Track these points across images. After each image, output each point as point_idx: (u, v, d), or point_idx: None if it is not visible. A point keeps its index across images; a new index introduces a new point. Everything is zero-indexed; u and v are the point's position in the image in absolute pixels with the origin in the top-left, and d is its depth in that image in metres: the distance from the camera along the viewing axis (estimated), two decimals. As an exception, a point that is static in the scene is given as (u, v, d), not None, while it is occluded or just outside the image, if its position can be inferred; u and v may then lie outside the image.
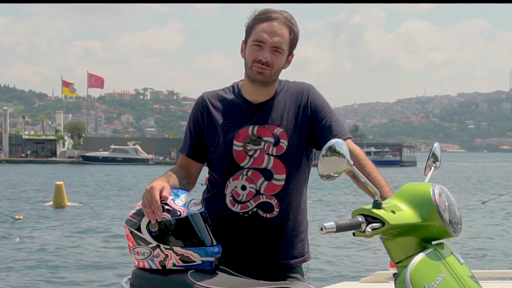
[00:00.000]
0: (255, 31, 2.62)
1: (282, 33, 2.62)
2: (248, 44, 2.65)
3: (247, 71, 2.68)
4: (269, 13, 2.63)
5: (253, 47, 2.62)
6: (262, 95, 2.71)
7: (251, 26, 2.65)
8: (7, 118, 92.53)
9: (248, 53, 2.65)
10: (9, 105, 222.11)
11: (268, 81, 2.66)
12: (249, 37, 2.65)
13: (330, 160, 2.17)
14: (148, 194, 2.45)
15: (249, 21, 2.66)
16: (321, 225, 2.06)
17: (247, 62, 2.66)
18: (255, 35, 2.62)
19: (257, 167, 2.66)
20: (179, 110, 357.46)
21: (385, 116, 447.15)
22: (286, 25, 2.63)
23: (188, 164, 2.78)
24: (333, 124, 2.69)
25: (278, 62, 2.63)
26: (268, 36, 2.60)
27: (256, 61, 2.62)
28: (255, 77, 2.64)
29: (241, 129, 2.67)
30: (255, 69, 2.63)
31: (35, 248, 14.18)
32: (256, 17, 2.65)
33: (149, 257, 2.49)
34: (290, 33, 2.64)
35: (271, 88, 2.71)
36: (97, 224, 18.91)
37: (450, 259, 2.15)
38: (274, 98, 2.71)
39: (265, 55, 2.60)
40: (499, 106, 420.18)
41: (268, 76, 2.64)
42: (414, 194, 2.21)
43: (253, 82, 2.67)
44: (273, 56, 2.61)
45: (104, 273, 11.49)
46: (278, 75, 2.70)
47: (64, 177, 43.72)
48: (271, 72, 2.63)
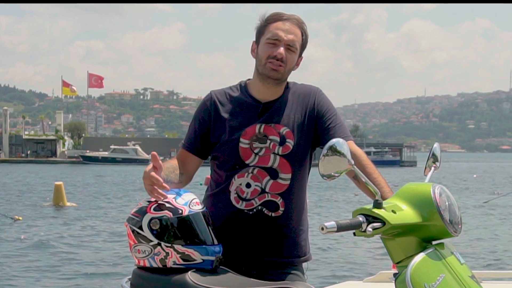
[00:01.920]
0: (269, 29, 2.69)
1: (296, 32, 2.70)
2: (261, 42, 2.71)
3: (260, 68, 2.71)
4: (281, 14, 2.73)
5: (267, 45, 2.68)
6: (271, 94, 2.74)
7: (264, 26, 2.71)
8: (7, 118, 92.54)
9: (262, 50, 2.69)
10: (9, 105, 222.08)
11: (281, 78, 2.71)
12: (261, 37, 2.71)
13: (331, 160, 2.17)
14: (146, 178, 2.48)
15: (261, 22, 2.73)
16: (322, 224, 2.07)
17: (260, 60, 2.70)
18: (269, 33, 2.68)
19: (263, 166, 2.69)
20: (179, 110, 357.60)
21: (385, 116, 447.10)
22: (299, 26, 2.72)
23: (186, 158, 2.80)
24: (336, 126, 2.73)
25: (291, 60, 2.69)
26: (284, 33, 2.67)
27: (270, 58, 2.66)
28: (269, 73, 2.68)
29: (249, 127, 2.70)
30: (269, 66, 2.67)
31: (34, 248, 14.18)
32: (268, 17, 2.72)
33: (149, 255, 2.50)
34: (302, 34, 2.72)
35: (280, 88, 2.75)
36: (97, 224, 18.91)
37: (451, 259, 2.16)
38: (281, 98, 2.75)
39: (280, 51, 2.65)
40: (499, 106, 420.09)
41: (282, 73, 2.69)
42: (415, 194, 2.22)
43: (265, 80, 2.71)
44: (287, 54, 2.67)
45: (104, 273, 11.49)
46: (289, 74, 2.75)
47: (64, 177, 43.73)
48: (285, 69, 2.69)
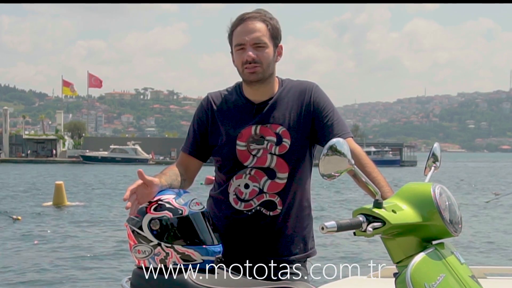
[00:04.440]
0: (234, 36, 2.68)
1: (258, 28, 2.65)
2: (233, 51, 2.70)
3: (241, 76, 2.72)
4: (241, 16, 2.69)
5: (237, 52, 2.68)
6: (263, 94, 2.72)
7: (230, 34, 2.71)
8: (7, 118, 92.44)
9: (236, 59, 2.70)
10: (9, 105, 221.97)
11: (263, 77, 2.68)
12: (232, 45, 2.70)
13: (331, 160, 2.17)
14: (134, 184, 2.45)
15: (228, 31, 2.71)
16: (322, 224, 2.07)
17: (238, 68, 2.70)
18: (235, 40, 2.68)
19: (260, 166, 2.69)
20: (179, 110, 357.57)
21: (385, 116, 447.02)
22: (260, 19, 2.67)
23: (188, 162, 2.80)
24: (334, 123, 2.70)
25: (264, 56, 2.66)
26: (246, 35, 2.64)
27: (244, 64, 2.65)
28: (248, 78, 2.68)
29: (244, 129, 2.70)
30: (246, 71, 2.66)
31: (34, 248, 14.18)
32: (232, 24, 2.70)
33: (149, 256, 2.50)
34: (266, 25, 2.67)
35: (270, 87, 2.73)
36: (97, 223, 18.91)
37: (451, 258, 2.16)
38: (275, 97, 2.73)
39: (249, 53, 2.63)
40: (499, 106, 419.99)
41: (261, 72, 2.66)
42: (415, 194, 2.21)
43: (250, 84, 2.70)
44: (257, 52, 2.64)
45: (104, 272, 11.49)
46: (271, 69, 2.71)
47: (64, 177, 43.72)
48: (262, 67, 2.66)
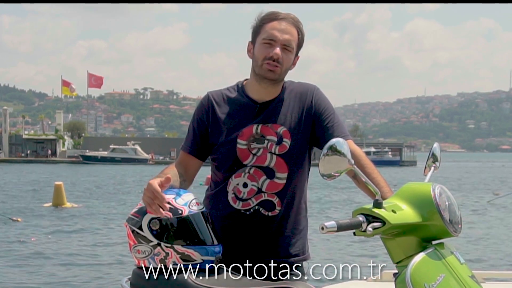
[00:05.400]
0: (265, 29, 2.67)
1: (292, 32, 2.67)
2: (257, 43, 2.69)
3: (256, 69, 2.70)
4: (277, 13, 2.70)
5: (263, 45, 2.66)
6: (268, 94, 2.73)
7: (260, 26, 2.69)
8: (7, 118, 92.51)
9: (258, 51, 2.68)
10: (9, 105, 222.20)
11: (278, 78, 2.69)
12: (257, 37, 2.69)
13: (331, 160, 2.17)
14: (148, 190, 2.45)
15: (257, 22, 2.71)
16: (322, 224, 2.06)
17: (257, 60, 2.68)
18: (265, 33, 2.66)
19: (259, 165, 2.69)
20: (179, 110, 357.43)
21: (385, 116, 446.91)
22: (294, 25, 2.69)
23: (187, 161, 2.80)
24: (334, 125, 2.72)
25: (287, 60, 2.68)
26: (279, 33, 2.65)
27: (267, 59, 2.65)
28: (265, 74, 2.67)
29: (245, 128, 2.70)
30: (266, 66, 2.66)
31: (34, 249, 14.18)
32: (264, 17, 2.70)
33: (149, 256, 2.50)
34: (298, 33, 2.70)
35: (277, 87, 2.74)
36: (97, 224, 18.91)
37: (451, 259, 2.16)
38: (278, 98, 2.74)
39: (276, 51, 2.63)
40: (499, 106, 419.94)
41: (279, 73, 2.67)
42: (415, 194, 2.21)
43: (262, 80, 2.70)
44: (283, 54, 2.66)
45: (104, 273, 11.49)
46: (285, 74, 2.73)
47: (63, 177, 43.71)
48: (281, 69, 2.67)
